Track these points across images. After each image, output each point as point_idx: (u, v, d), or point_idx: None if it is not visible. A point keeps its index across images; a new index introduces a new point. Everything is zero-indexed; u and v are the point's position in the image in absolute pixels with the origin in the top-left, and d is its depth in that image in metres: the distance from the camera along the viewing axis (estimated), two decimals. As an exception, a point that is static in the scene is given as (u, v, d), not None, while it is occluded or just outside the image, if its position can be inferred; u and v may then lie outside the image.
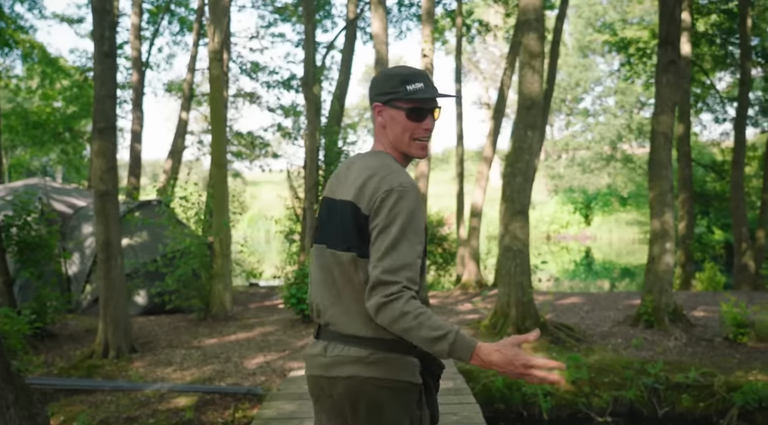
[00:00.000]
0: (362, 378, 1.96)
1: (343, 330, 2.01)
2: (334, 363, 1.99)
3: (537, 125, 7.73)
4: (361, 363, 1.96)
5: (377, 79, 2.15)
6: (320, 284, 2.09)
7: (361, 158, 2.12)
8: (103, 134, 7.21)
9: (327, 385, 2.03)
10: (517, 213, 7.69)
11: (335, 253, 2.02)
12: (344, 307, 2.01)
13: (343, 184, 2.10)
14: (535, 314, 7.68)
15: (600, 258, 31.81)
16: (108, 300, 7.46)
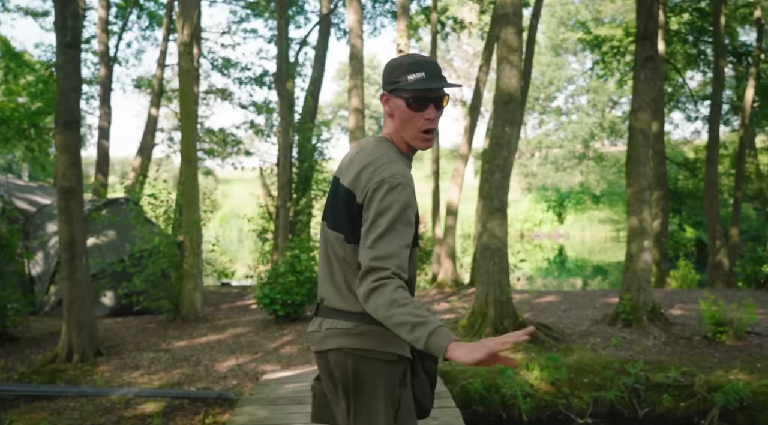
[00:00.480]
0: (349, 349, 2.02)
1: (333, 304, 2.09)
2: (326, 336, 2.07)
3: (515, 120, 7.60)
4: (348, 334, 2.03)
5: (386, 68, 2.16)
6: (320, 260, 2.19)
7: (367, 144, 2.19)
8: (66, 128, 6.91)
9: (322, 360, 2.12)
10: (496, 211, 7.55)
11: (330, 231, 2.13)
12: (335, 283, 2.10)
13: (348, 168, 2.15)
14: (513, 314, 7.55)
15: (573, 256, 31.98)
16: (72, 302, 7.17)
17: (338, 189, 2.14)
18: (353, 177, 2.08)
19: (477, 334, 7.44)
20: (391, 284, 1.85)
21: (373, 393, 2.04)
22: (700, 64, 17.41)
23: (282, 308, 8.39)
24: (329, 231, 2.14)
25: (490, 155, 7.64)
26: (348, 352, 2.04)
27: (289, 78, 13.29)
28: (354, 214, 2.05)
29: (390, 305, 1.82)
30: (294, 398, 5.48)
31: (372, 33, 20.10)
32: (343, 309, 2.08)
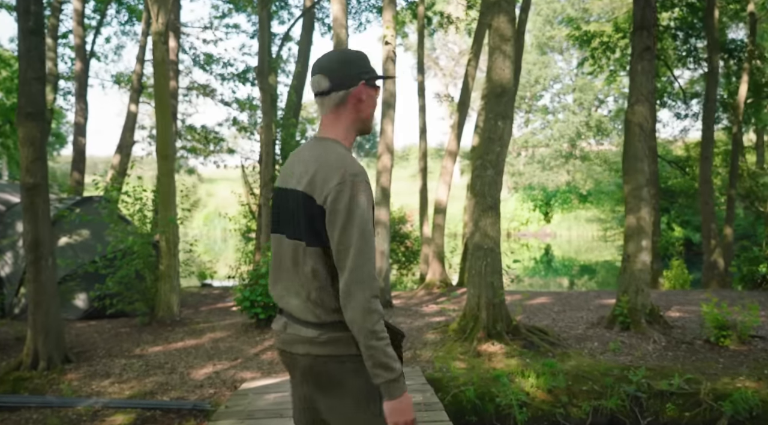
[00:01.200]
0: (316, 356, 2.02)
1: (294, 313, 2.07)
2: (292, 340, 2.07)
3: (508, 114, 7.22)
4: (313, 342, 2.02)
5: (352, 61, 2.12)
6: (276, 271, 2.15)
7: (310, 147, 2.12)
8: (29, 119, 6.44)
9: (290, 360, 2.11)
10: (488, 209, 7.18)
11: (287, 241, 2.08)
12: (295, 293, 2.06)
13: (293, 174, 2.11)
14: (506, 317, 7.18)
15: (560, 255, 31.79)
16: (38, 305, 6.71)
17: (287, 196, 2.11)
18: (308, 180, 2.02)
19: (468, 338, 7.07)
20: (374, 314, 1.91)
21: (349, 389, 2.03)
22: (690, 60, 17.15)
23: (263, 311, 7.97)
24: (287, 242, 2.09)
25: (482, 150, 7.26)
26: (317, 358, 2.03)
27: (272, 72, 12.85)
28: (314, 217, 1.99)
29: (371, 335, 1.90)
30: (274, 410, 5.08)
31: (357, 29, 19.64)
32: (306, 320, 2.04)
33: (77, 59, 16.14)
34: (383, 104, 9.94)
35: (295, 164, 2.13)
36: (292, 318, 2.09)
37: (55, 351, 6.81)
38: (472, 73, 12.59)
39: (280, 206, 2.14)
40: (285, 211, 2.11)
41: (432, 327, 8.21)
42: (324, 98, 2.11)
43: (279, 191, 2.17)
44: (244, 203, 14.53)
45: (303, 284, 2.04)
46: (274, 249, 2.17)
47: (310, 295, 2.03)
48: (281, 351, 2.16)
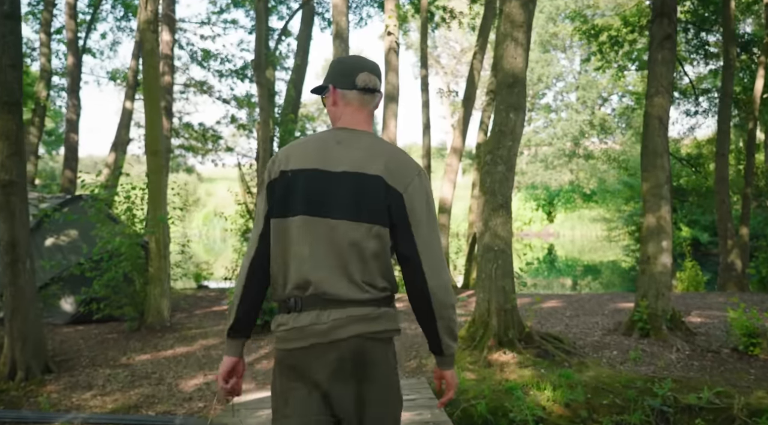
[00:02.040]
0: (369, 333, 2.03)
1: (341, 296, 2.03)
2: (334, 327, 2.02)
3: (520, 105, 6.73)
4: (365, 320, 2.03)
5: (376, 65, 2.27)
6: (313, 258, 2.05)
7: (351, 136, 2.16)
8: (5, 110, 5.97)
9: (322, 352, 2.03)
10: (499, 207, 6.69)
11: (342, 223, 2.04)
12: (346, 276, 2.03)
13: (345, 157, 2.10)
14: (519, 324, 6.70)
15: (563, 255, 31.35)
16: (15, 311, 6.25)
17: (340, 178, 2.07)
18: (383, 165, 2.07)
19: (478, 347, 6.58)
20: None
21: (388, 369, 2.09)
22: (701, 55, 16.66)
23: (259, 316, 7.48)
24: (349, 224, 2.04)
25: (493, 145, 6.78)
26: (366, 336, 2.03)
27: (269, 66, 12.37)
28: (391, 202, 2.05)
29: (453, 309, 2.13)
30: (267, 430, 4.60)
31: (357, 23, 19.19)
32: (354, 299, 2.03)
33: (69, 54, 15.68)
34: (385, 97, 9.47)
35: (334, 149, 2.12)
36: (332, 304, 2.04)
37: (34, 360, 6.35)
38: (477, 67, 12.13)
39: (320, 187, 2.07)
40: (336, 193, 2.06)
41: (438, 333, 7.74)
42: (371, 96, 2.21)
43: (316, 172, 2.09)
44: (241, 203, 14.04)
45: (361, 265, 2.04)
46: (312, 233, 2.06)
47: (365, 275, 2.04)
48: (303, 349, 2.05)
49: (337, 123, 2.22)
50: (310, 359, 2.04)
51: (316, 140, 2.17)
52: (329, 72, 2.25)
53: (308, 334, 2.03)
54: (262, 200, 2.16)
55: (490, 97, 13.28)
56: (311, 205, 2.07)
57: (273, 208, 2.11)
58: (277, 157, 2.16)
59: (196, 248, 38.25)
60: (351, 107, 2.20)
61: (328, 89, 2.22)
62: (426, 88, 13.58)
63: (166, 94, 13.44)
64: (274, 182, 2.13)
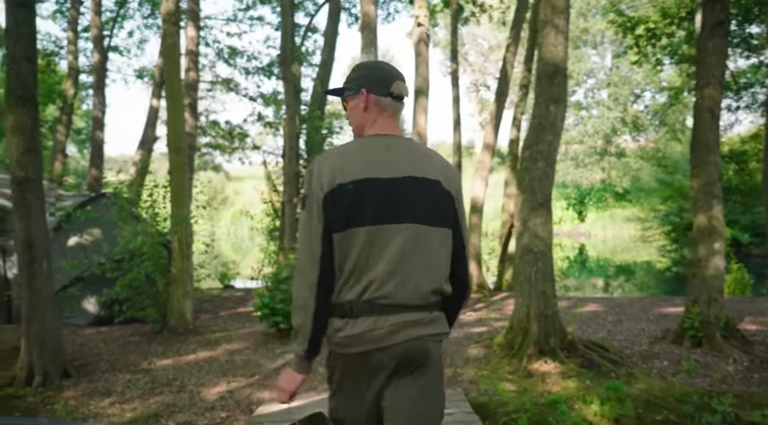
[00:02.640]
0: (424, 337, 2.08)
1: (401, 301, 2.07)
2: (391, 331, 2.05)
3: (561, 97, 6.30)
4: (420, 324, 2.08)
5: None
6: (385, 261, 2.06)
7: (400, 141, 2.19)
8: (20, 105, 5.72)
9: (379, 356, 2.06)
10: (539, 206, 6.27)
11: (425, 228, 2.10)
12: (412, 280, 2.07)
13: (401, 162, 2.13)
14: (560, 331, 6.28)
15: (594, 256, 30.65)
16: (32, 314, 5.99)
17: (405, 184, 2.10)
18: (435, 168, 2.16)
19: (517, 355, 6.17)
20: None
21: (439, 369, 2.16)
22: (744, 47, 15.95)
23: (284, 320, 7.16)
24: (423, 229, 2.10)
25: (531, 140, 6.36)
26: (425, 339, 2.09)
27: (295, 61, 12.04)
28: (450, 202, 2.16)
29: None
30: (292, 446, 4.23)
31: (385, 19, 18.81)
32: (416, 304, 2.09)
33: (95, 51, 15.53)
34: (415, 92, 9.08)
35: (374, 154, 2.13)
36: (390, 310, 2.07)
37: (52, 364, 6.09)
38: (510, 61, 11.68)
39: (384, 196, 2.07)
40: (405, 199, 2.09)
41: (473, 339, 7.34)
42: (401, 104, 2.26)
43: (379, 181, 2.08)
44: (267, 201, 13.75)
45: (427, 267, 2.10)
46: (386, 239, 2.06)
47: (435, 277, 2.12)
48: (360, 353, 2.07)
49: (367, 128, 2.22)
50: (368, 362, 2.08)
51: (363, 148, 2.15)
52: (359, 75, 2.24)
53: (366, 340, 2.06)
54: (315, 217, 2.08)
55: (522, 93, 12.84)
56: (381, 213, 2.06)
57: (334, 221, 2.05)
58: (324, 169, 2.09)
59: (224, 246, 38.28)
60: (385, 114, 2.22)
61: (354, 92, 2.23)
62: (456, 84, 13.15)
63: (191, 91, 13.21)
64: (329, 197, 2.06)
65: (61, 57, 20.68)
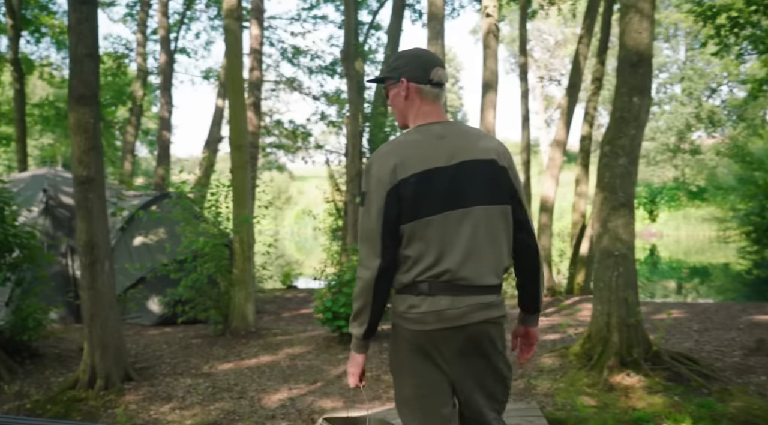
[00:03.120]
0: (494, 318, 2.22)
1: (476, 282, 2.17)
2: (466, 312, 2.17)
3: (646, 87, 5.82)
4: (491, 306, 2.21)
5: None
6: (459, 245, 2.16)
7: (453, 126, 2.28)
8: (81, 103, 5.62)
9: (452, 334, 2.18)
10: (620, 206, 5.81)
11: (487, 209, 2.19)
12: (486, 261, 2.18)
13: (456, 149, 2.20)
14: (645, 341, 5.79)
15: (666, 256, 29.43)
16: (94, 316, 5.90)
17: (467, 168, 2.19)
18: (485, 147, 2.24)
19: (596, 366, 5.72)
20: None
21: (504, 350, 2.30)
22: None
23: (347, 324, 6.90)
24: (487, 209, 2.20)
25: (612, 134, 5.90)
26: (495, 320, 2.22)
27: (358, 57, 11.79)
28: (505, 178, 2.23)
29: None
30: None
31: (450, 14, 18.40)
32: (489, 284, 2.19)
33: (162, 52, 15.69)
34: (483, 86, 8.68)
35: (429, 145, 2.20)
36: (465, 291, 2.17)
37: (114, 367, 5.99)
38: (583, 52, 11.13)
39: (448, 184, 2.16)
40: (467, 184, 2.18)
41: (546, 347, 6.90)
42: (442, 90, 2.31)
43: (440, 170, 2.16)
44: (330, 200, 13.56)
45: (496, 245, 2.20)
46: (454, 223, 2.16)
47: (500, 256, 2.22)
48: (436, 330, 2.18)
49: (411, 117, 2.30)
50: (441, 341, 2.18)
51: (417, 140, 2.22)
52: (398, 64, 2.30)
53: (444, 318, 2.15)
54: (375, 212, 2.15)
55: (595, 86, 12.26)
56: (447, 200, 2.15)
57: (402, 215, 2.14)
58: (383, 166, 2.16)
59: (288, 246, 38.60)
60: (427, 101, 2.28)
61: (394, 81, 2.30)
62: (525, 78, 12.64)
63: (254, 90, 13.15)
64: (392, 192, 2.14)
65: (131, 59, 21.12)
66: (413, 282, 2.18)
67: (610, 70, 22.96)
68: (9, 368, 6.42)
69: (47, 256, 6.89)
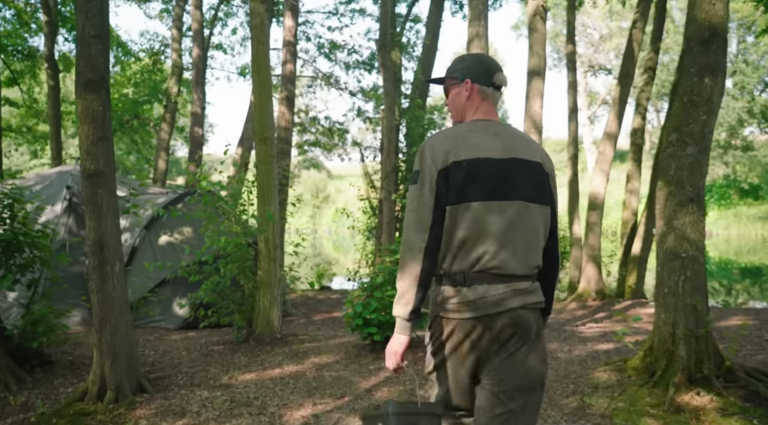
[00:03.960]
0: (529, 304, 2.30)
1: (510, 271, 2.26)
2: (503, 298, 2.25)
3: (719, 66, 5.10)
4: (527, 292, 2.30)
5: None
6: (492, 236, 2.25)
7: (505, 127, 2.41)
8: (89, 90, 5.15)
9: (488, 322, 2.25)
10: (688, 201, 5.10)
11: (530, 206, 2.30)
12: (520, 252, 2.27)
13: (509, 145, 2.33)
14: (716, 355, 5.08)
15: (716, 256, 28.22)
16: (103, 322, 5.43)
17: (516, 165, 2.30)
18: (533, 151, 2.37)
19: (660, 383, 5.03)
20: None
21: (541, 333, 2.38)
22: None
23: (379, 331, 6.32)
24: (530, 206, 2.30)
25: (680, 120, 5.19)
26: (528, 307, 2.29)
27: (395, 47, 11.18)
28: (548, 184, 2.40)
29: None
30: None
31: (491, 5, 17.66)
32: (523, 274, 2.28)
33: (194, 46, 15.33)
34: (528, 74, 8.00)
35: (483, 137, 2.32)
36: (499, 279, 2.25)
37: (126, 378, 5.50)
38: (637, 38, 10.33)
39: (496, 174, 2.27)
40: (513, 178, 2.29)
41: (599, 359, 6.22)
42: (500, 94, 2.48)
43: (491, 161, 2.28)
44: (364, 198, 13.00)
45: (531, 241, 2.30)
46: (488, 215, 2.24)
47: (535, 251, 2.32)
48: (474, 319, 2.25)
49: (470, 114, 2.43)
50: (478, 328, 2.25)
51: (473, 130, 2.34)
52: (463, 66, 2.45)
53: (480, 306, 2.24)
54: (427, 190, 2.24)
55: (648, 76, 11.45)
56: (492, 190, 2.25)
57: (449, 195, 2.24)
58: (438, 149, 2.28)
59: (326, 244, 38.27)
60: (487, 102, 2.43)
61: (458, 81, 2.44)
62: (573, 67, 11.85)
63: (288, 84, 12.66)
64: (442, 173, 2.24)
65: (166, 56, 20.90)
66: (450, 272, 2.27)
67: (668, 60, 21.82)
68: (17, 377, 6.00)
69: (60, 257, 6.44)
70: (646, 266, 11.13)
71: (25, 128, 21.00)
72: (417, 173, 2.28)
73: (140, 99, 19.75)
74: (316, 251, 32.16)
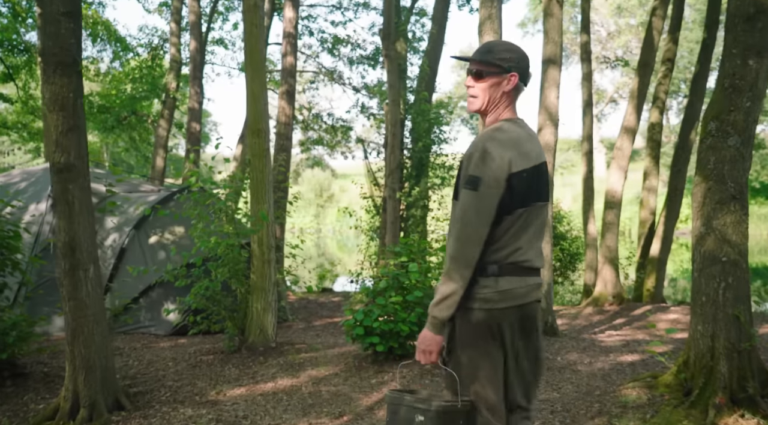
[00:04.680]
0: (539, 298, 2.47)
1: (534, 264, 2.41)
2: (529, 291, 2.39)
3: (765, 47, 4.54)
4: (539, 287, 2.46)
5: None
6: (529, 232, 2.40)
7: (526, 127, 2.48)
8: (58, 73, 4.61)
9: (513, 314, 2.37)
10: (729, 200, 4.53)
11: (545, 205, 2.46)
12: (539, 248, 2.45)
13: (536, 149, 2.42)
14: (761, 372, 4.52)
15: (724, 257, 27.48)
16: (76, 332, 4.89)
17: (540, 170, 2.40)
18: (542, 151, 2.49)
19: (698, 403, 4.46)
20: None
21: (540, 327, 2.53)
22: None
23: (382, 341, 5.76)
24: (546, 204, 2.46)
25: (720, 107, 4.62)
26: (538, 301, 2.46)
27: (400, 37, 10.63)
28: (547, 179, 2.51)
29: None
30: None
31: (501, -3, 17.05)
32: (539, 268, 2.45)
33: (192, 38, 14.78)
34: (543, 62, 7.45)
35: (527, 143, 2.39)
36: (525, 272, 2.39)
37: (101, 394, 4.96)
38: (657, 26, 9.75)
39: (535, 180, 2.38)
40: (541, 181, 2.41)
41: (624, 373, 5.65)
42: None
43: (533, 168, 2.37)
44: (367, 196, 12.44)
45: (542, 237, 2.52)
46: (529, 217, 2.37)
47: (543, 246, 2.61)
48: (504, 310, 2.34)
49: (500, 109, 2.44)
50: (505, 319, 2.36)
51: (518, 137, 2.38)
52: (512, 57, 2.39)
53: (511, 296, 2.34)
54: (488, 198, 2.27)
55: (666, 68, 10.87)
56: (532, 195, 2.38)
57: (514, 201, 2.32)
58: (501, 156, 2.28)
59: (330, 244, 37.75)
60: (515, 99, 2.48)
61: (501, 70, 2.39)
62: (588, 58, 11.26)
63: (288, 78, 12.13)
64: (507, 181, 2.29)
65: (165, 51, 20.39)
66: (484, 264, 2.32)
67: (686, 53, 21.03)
68: (-14, 390, 5.48)
69: (32, 259, 5.90)
70: (665, 269, 10.56)
71: (21, 124, 20.50)
72: (477, 180, 2.27)
73: (138, 95, 19.21)
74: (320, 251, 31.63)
